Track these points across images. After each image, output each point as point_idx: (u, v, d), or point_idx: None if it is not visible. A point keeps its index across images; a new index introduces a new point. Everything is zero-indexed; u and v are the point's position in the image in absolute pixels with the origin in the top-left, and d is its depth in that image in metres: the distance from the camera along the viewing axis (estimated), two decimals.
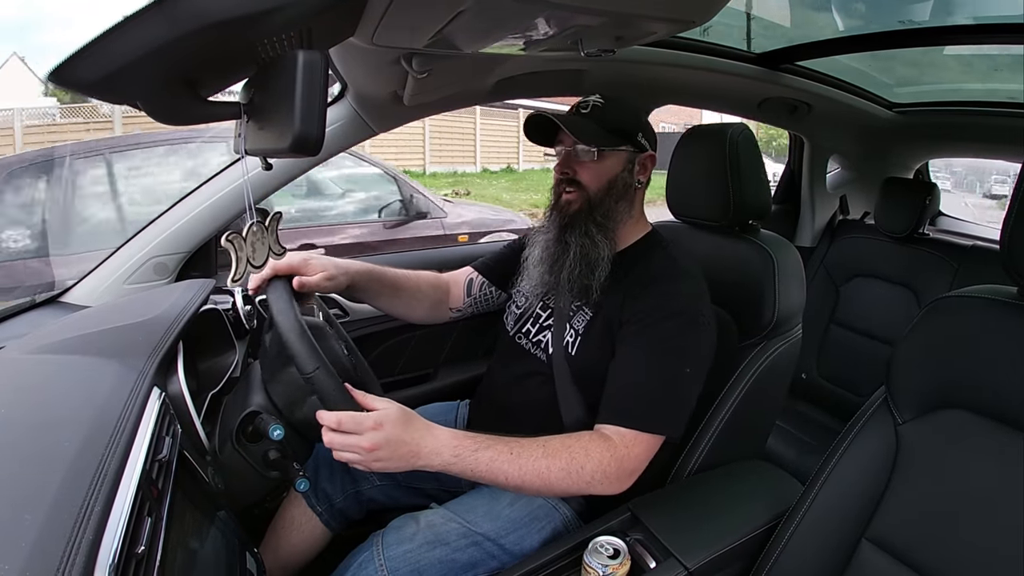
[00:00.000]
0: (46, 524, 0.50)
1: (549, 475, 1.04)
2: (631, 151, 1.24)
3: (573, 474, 1.04)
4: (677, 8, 0.86)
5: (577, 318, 1.25)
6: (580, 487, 1.05)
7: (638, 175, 1.27)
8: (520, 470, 1.03)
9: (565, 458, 1.05)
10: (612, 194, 1.24)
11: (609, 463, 1.06)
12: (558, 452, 1.05)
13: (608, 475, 1.06)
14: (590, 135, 1.21)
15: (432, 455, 1.00)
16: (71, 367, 0.82)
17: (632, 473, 1.09)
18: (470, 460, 1.02)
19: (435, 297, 1.48)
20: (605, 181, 1.24)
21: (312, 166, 1.65)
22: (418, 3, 0.78)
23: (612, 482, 1.07)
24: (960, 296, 0.95)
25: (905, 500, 0.94)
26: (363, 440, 0.95)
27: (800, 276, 1.34)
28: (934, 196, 2.32)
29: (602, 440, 1.08)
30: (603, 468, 1.05)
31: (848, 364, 2.42)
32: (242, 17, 0.60)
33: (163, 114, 0.73)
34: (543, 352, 1.29)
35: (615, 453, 1.07)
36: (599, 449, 1.07)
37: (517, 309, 1.40)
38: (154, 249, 1.44)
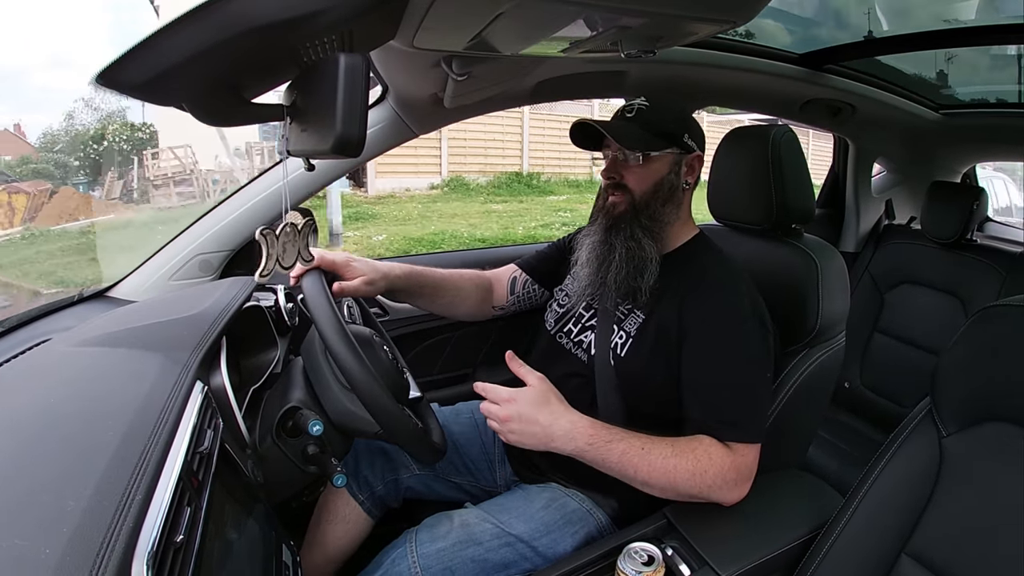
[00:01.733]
0: (88, 511, 0.51)
1: (676, 474, 1.06)
2: (677, 153, 1.24)
3: (698, 476, 1.06)
4: (718, 8, 0.85)
5: (629, 320, 1.23)
6: (701, 490, 1.07)
7: (685, 176, 1.26)
8: (650, 466, 1.06)
9: (692, 459, 1.07)
10: (658, 197, 1.24)
11: (730, 470, 1.08)
12: (685, 453, 1.07)
13: (728, 482, 1.08)
14: (634, 140, 1.21)
15: (566, 439, 1.06)
16: (117, 360, 0.85)
17: (748, 479, 1.11)
18: (603, 450, 1.06)
19: (478, 295, 1.50)
20: (651, 184, 1.23)
21: (354, 167, 1.68)
22: (457, 6, 0.79)
23: (731, 489, 1.09)
24: (1008, 305, 0.92)
25: (947, 515, 0.91)
26: (499, 410, 1.07)
27: (844, 282, 1.31)
28: (982, 201, 2.25)
29: (723, 447, 1.10)
30: (724, 474, 1.08)
31: (892, 374, 2.36)
32: (285, 21, 0.61)
33: (208, 115, 0.75)
34: (584, 352, 1.28)
35: (735, 461, 1.09)
36: (721, 455, 1.09)
37: (559, 308, 1.39)
38: (199, 246, 1.48)
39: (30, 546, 0.47)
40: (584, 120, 1.22)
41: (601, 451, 1.06)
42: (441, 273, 1.45)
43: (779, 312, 1.30)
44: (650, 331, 1.20)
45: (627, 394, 1.22)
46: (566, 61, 1.44)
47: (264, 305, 1.26)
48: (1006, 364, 0.89)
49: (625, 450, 1.06)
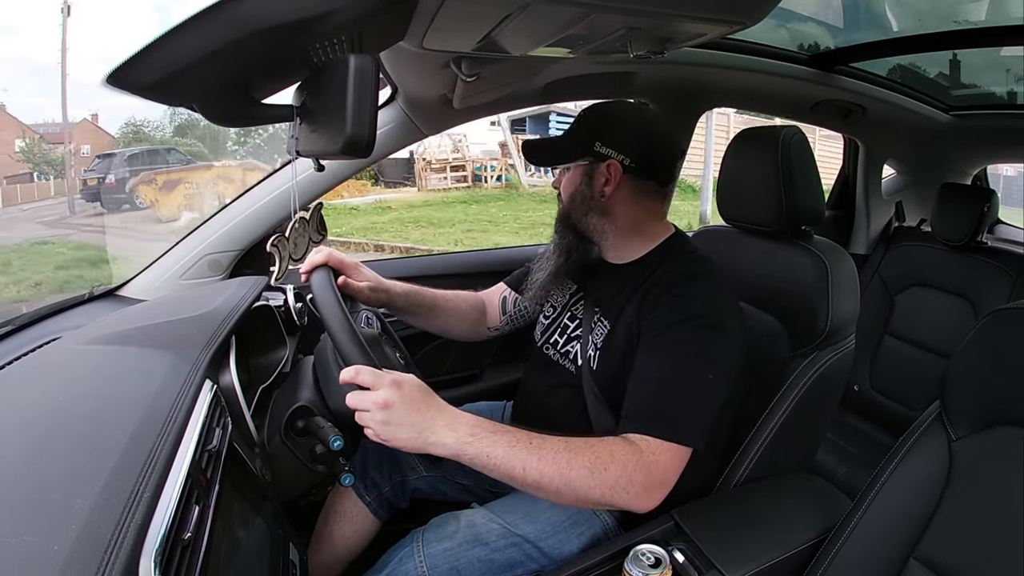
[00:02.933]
0: (96, 508, 0.51)
1: (570, 472, 0.95)
2: (588, 163, 1.21)
3: (596, 474, 0.96)
4: (727, 9, 0.85)
5: (596, 332, 1.23)
6: (602, 492, 0.97)
7: (602, 187, 1.21)
8: (539, 462, 0.95)
9: (589, 456, 0.97)
10: (577, 207, 1.25)
11: (635, 469, 0.98)
12: (581, 449, 0.98)
13: (633, 482, 0.98)
14: (542, 153, 1.33)
15: (446, 431, 0.94)
16: (126, 358, 0.85)
17: (661, 485, 1.01)
18: (488, 442, 0.95)
19: (473, 317, 1.51)
20: (568, 195, 1.27)
21: (363, 167, 1.69)
22: (467, 8, 0.79)
23: (638, 491, 0.98)
24: (1019, 308, 0.91)
25: (957, 519, 0.90)
26: (377, 395, 0.91)
27: (854, 284, 1.30)
28: (992, 203, 2.24)
29: (627, 444, 1.01)
30: (628, 473, 0.97)
31: (902, 377, 2.34)
32: (295, 22, 0.61)
33: (218, 115, 0.76)
34: (572, 363, 1.28)
35: (641, 459, 0.99)
36: (624, 452, 0.99)
37: (545, 319, 1.39)
38: (209, 246, 1.49)
39: (39, 542, 0.47)
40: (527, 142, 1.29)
41: (485, 444, 0.94)
42: (439, 294, 1.46)
43: (788, 314, 1.30)
44: (615, 341, 1.19)
45: (612, 402, 1.19)
46: (575, 62, 1.44)
47: (273, 304, 1.27)
48: (1017, 367, 0.89)
49: (512, 443, 0.95)
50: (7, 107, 22.71)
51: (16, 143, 21.35)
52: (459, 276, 1.91)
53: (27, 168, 19.78)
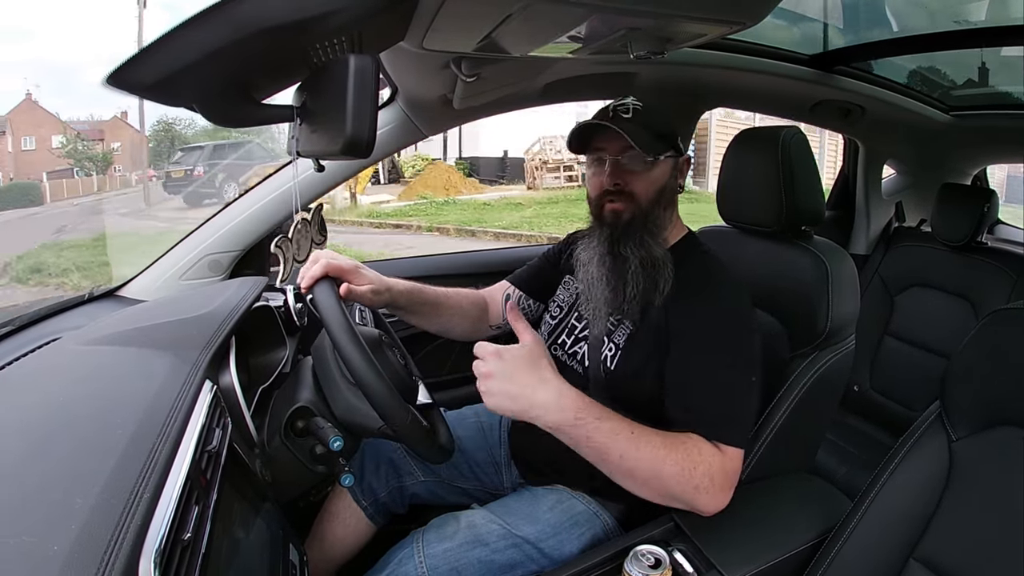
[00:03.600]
0: (96, 508, 0.51)
1: (664, 465, 0.98)
2: (674, 156, 1.23)
3: (687, 471, 0.99)
4: (727, 9, 0.85)
5: (618, 332, 1.21)
6: (686, 490, 1.00)
7: (680, 180, 1.26)
8: (638, 452, 0.98)
9: (682, 453, 1.00)
10: (661, 202, 1.21)
11: (719, 471, 1.02)
12: (676, 445, 1.00)
13: (715, 484, 1.01)
14: (646, 143, 1.15)
15: (550, 408, 0.97)
16: (126, 358, 0.85)
17: (731, 489, 1.04)
18: (591, 428, 0.97)
19: (474, 314, 1.48)
20: (655, 190, 1.20)
21: (364, 167, 1.69)
22: (467, 8, 0.79)
23: (717, 492, 1.02)
24: (1019, 308, 0.92)
25: (957, 519, 0.90)
26: (482, 364, 0.98)
27: (854, 285, 1.30)
28: (992, 203, 2.24)
29: (711, 447, 1.03)
30: (711, 474, 1.00)
31: (902, 377, 2.34)
32: (296, 22, 0.61)
33: (218, 116, 0.75)
34: (579, 364, 1.27)
35: (723, 463, 1.03)
36: (710, 454, 1.02)
37: (552, 320, 1.38)
38: (209, 247, 1.49)
39: (38, 543, 0.47)
40: (598, 121, 1.17)
41: (588, 428, 0.97)
42: (440, 292, 1.43)
43: (788, 314, 1.30)
44: (639, 340, 1.18)
45: (621, 405, 1.16)
46: (576, 62, 1.44)
47: (273, 305, 1.27)
48: (1017, 368, 0.89)
49: (615, 429, 0.98)
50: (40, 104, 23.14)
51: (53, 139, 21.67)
52: (461, 276, 1.91)
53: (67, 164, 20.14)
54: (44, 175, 19.93)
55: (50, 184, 18.66)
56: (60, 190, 18.44)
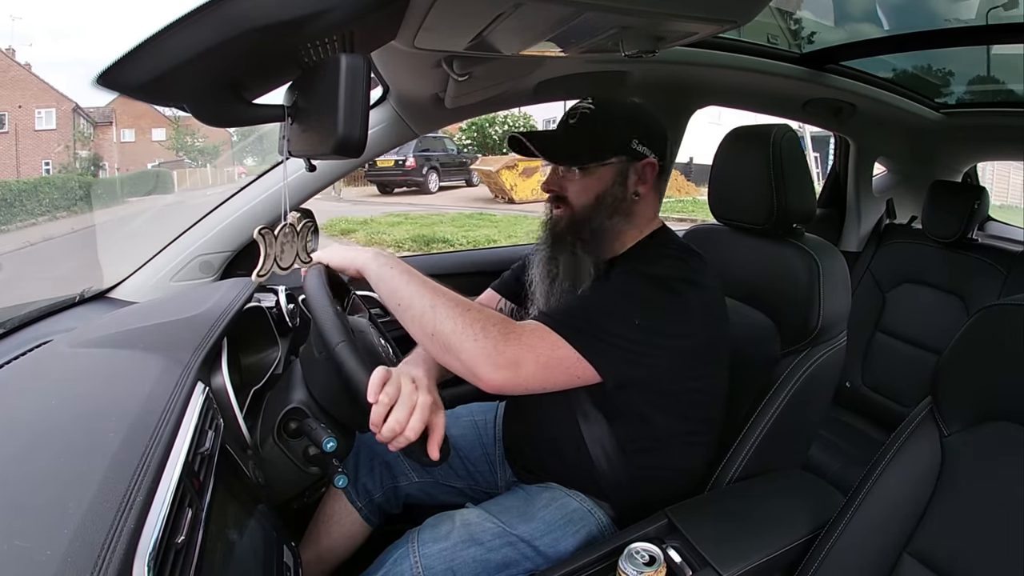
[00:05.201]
0: (89, 512, 0.51)
1: (441, 298, 1.01)
2: (623, 161, 1.17)
3: (459, 309, 0.99)
4: (718, 8, 0.85)
5: None
6: (455, 328, 0.97)
7: (636, 186, 1.18)
8: (422, 284, 1.04)
9: (467, 303, 1.03)
10: (601, 210, 1.17)
11: (496, 325, 0.99)
12: (466, 300, 1.04)
13: (488, 333, 0.97)
14: (567, 154, 1.16)
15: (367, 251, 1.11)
16: (118, 361, 0.85)
17: (514, 360, 0.98)
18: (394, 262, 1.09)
19: None
20: (592, 197, 1.17)
21: (355, 167, 1.68)
22: (458, 7, 0.79)
23: (487, 342, 0.96)
24: (1009, 304, 0.92)
25: (950, 514, 0.90)
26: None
27: (845, 282, 1.31)
28: (983, 200, 2.25)
29: (506, 318, 1.03)
30: (487, 324, 0.98)
31: (894, 373, 2.36)
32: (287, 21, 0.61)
33: (209, 116, 0.75)
34: None
35: (509, 326, 1.00)
36: (500, 316, 1.03)
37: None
38: (200, 248, 1.48)
39: (31, 547, 0.47)
40: (515, 134, 1.17)
41: (394, 262, 1.08)
42: None
43: (780, 312, 1.31)
44: None
45: (599, 402, 1.19)
46: (567, 61, 1.44)
47: (265, 306, 1.27)
48: (1008, 363, 0.89)
49: (414, 272, 1.06)
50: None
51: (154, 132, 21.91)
52: (452, 276, 1.90)
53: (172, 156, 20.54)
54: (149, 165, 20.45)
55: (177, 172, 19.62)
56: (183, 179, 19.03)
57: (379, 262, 1.07)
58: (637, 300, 1.05)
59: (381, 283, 1.06)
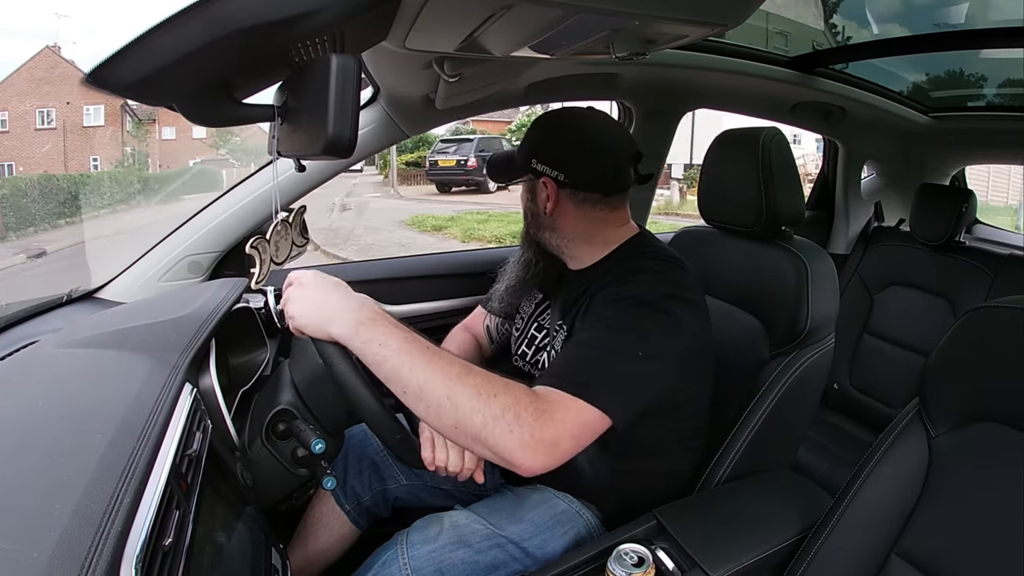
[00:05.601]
0: (76, 514, 0.50)
1: (456, 385, 0.88)
2: (529, 180, 1.24)
3: (483, 397, 0.88)
4: (709, 11, 0.85)
5: (557, 339, 1.24)
6: (484, 420, 0.87)
7: (544, 203, 1.22)
8: (428, 365, 0.89)
9: (482, 379, 0.90)
10: (530, 223, 1.29)
11: (528, 408, 0.89)
12: (477, 373, 0.91)
13: (521, 421, 0.88)
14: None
15: (347, 312, 0.91)
16: (105, 361, 0.84)
17: (553, 442, 0.90)
18: (383, 332, 0.90)
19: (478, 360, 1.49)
20: (523, 210, 1.30)
21: (345, 168, 1.68)
22: (449, 8, 0.79)
23: (524, 436, 0.88)
24: (996, 306, 0.93)
25: (937, 515, 0.91)
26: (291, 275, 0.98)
27: (833, 284, 1.32)
28: (970, 203, 2.27)
29: (529, 391, 0.94)
30: (518, 409, 0.89)
31: (881, 375, 2.38)
32: (277, 21, 0.61)
33: (198, 115, 0.75)
34: (540, 373, 1.27)
35: (539, 405, 0.91)
36: (523, 392, 0.92)
37: (516, 332, 1.40)
38: (189, 248, 1.47)
39: (17, 550, 0.46)
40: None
41: (381, 332, 0.90)
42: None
43: (768, 314, 1.31)
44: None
45: None
46: (558, 63, 1.44)
47: (254, 306, 1.26)
48: (994, 365, 0.90)
49: (408, 339, 0.90)
50: None
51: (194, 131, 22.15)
52: (440, 277, 1.90)
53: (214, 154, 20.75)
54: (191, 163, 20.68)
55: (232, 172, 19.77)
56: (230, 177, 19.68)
57: (362, 337, 0.90)
58: (635, 332, 1.03)
59: (373, 367, 0.90)
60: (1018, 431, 0.86)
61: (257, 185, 1.51)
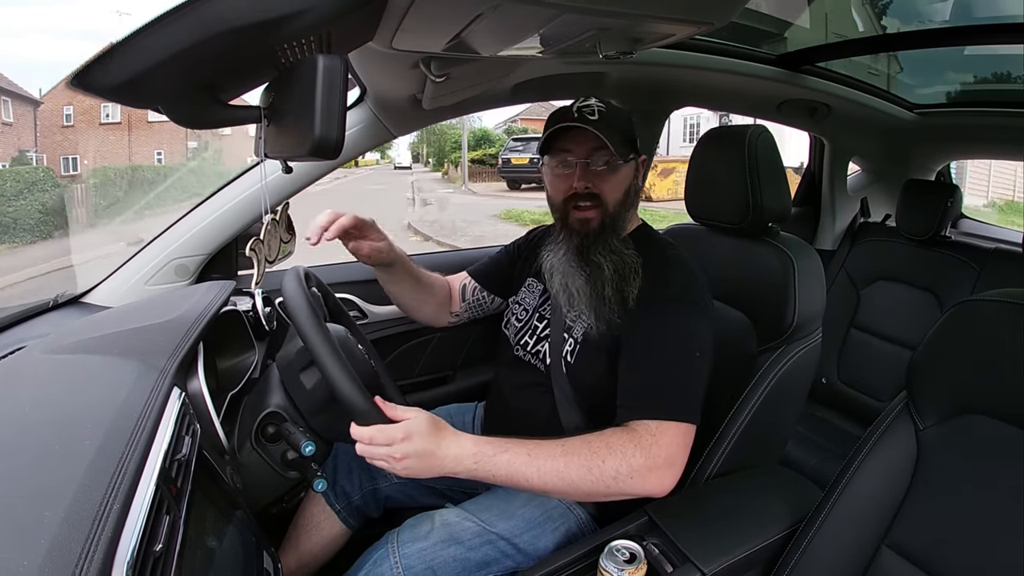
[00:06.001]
0: (65, 521, 0.50)
1: (569, 473, 0.99)
2: (635, 159, 1.25)
3: (594, 470, 0.99)
4: (695, 10, 0.86)
5: (577, 326, 1.24)
6: (607, 484, 1.00)
7: (639, 180, 1.29)
8: (539, 471, 0.99)
9: (584, 454, 1.01)
10: (627, 204, 1.24)
11: (634, 454, 1.00)
12: (577, 449, 1.01)
13: (635, 468, 1.00)
14: (616, 145, 1.16)
15: (455, 463, 0.99)
16: (92, 366, 0.83)
17: (669, 464, 1.03)
18: (490, 465, 1.00)
19: (441, 298, 1.49)
20: (622, 192, 1.22)
21: (332, 169, 1.67)
22: (436, 8, 0.79)
23: (643, 475, 1.01)
24: (981, 300, 0.94)
25: (926, 506, 0.92)
26: (394, 451, 0.96)
27: (820, 279, 1.33)
28: (956, 198, 2.29)
29: (625, 432, 1.04)
30: (630, 464, 1.00)
31: (869, 369, 2.39)
32: (264, 22, 0.60)
33: (184, 118, 0.74)
34: (541, 363, 1.29)
35: (640, 443, 1.02)
36: (621, 441, 1.02)
37: (517, 322, 1.39)
38: (175, 251, 1.46)
39: (7, 558, 0.46)
40: (573, 123, 1.16)
41: (488, 466, 1.00)
42: (423, 271, 1.44)
43: (756, 310, 1.32)
44: (595, 333, 1.20)
45: (583, 400, 1.22)
46: (545, 62, 1.44)
47: (241, 309, 1.25)
48: (980, 358, 0.91)
49: (511, 460, 1.00)
50: None
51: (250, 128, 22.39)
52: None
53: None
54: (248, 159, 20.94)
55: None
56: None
57: (469, 468, 1.00)
58: (690, 335, 1.12)
59: (491, 480, 1.02)
60: (1005, 423, 0.88)
61: (243, 187, 1.50)
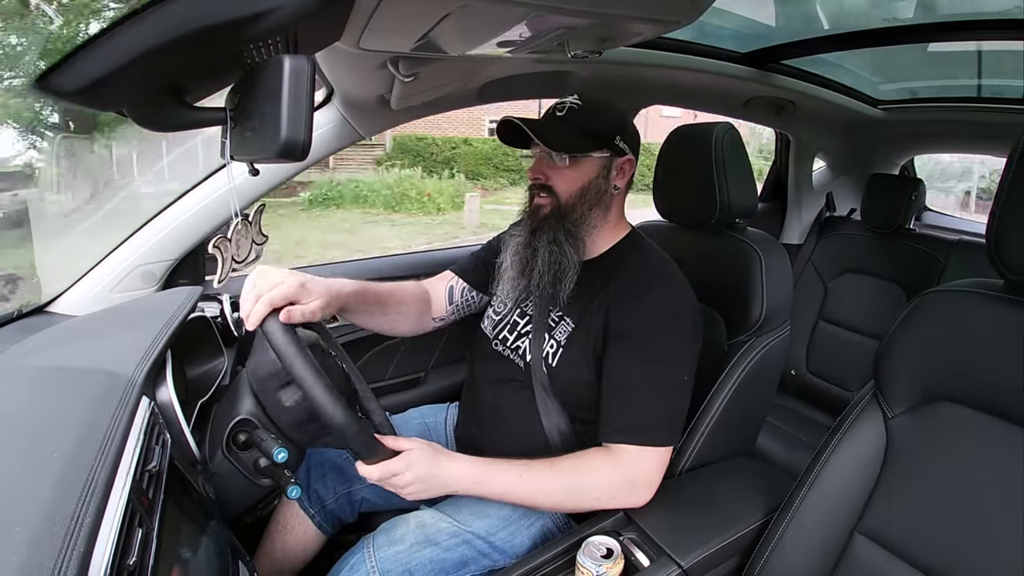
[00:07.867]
0: (36, 537, 0.49)
1: (557, 494, 1.10)
2: (607, 156, 1.22)
3: (579, 492, 1.10)
4: (662, 9, 0.86)
5: (559, 329, 1.24)
6: (591, 503, 1.12)
7: (615, 180, 1.25)
8: (530, 492, 1.10)
9: (570, 477, 1.10)
10: (585, 201, 1.23)
11: (615, 479, 1.10)
12: (564, 472, 1.10)
13: (616, 491, 1.11)
14: (560, 141, 1.19)
15: (457, 483, 1.08)
16: (58, 378, 0.81)
17: (647, 486, 1.12)
18: (487, 486, 1.10)
19: (418, 309, 1.44)
20: (578, 187, 1.22)
21: (299, 171, 1.65)
22: (404, 8, 0.78)
23: (624, 496, 1.12)
24: (946, 290, 0.96)
25: (896, 493, 0.94)
26: (399, 480, 1.04)
27: (787, 273, 1.35)
28: (919, 192, 2.34)
29: (608, 456, 1.11)
30: (610, 484, 1.10)
31: (837, 360, 2.44)
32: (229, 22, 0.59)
33: (149, 120, 0.73)
34: (520, 359, 1.29)
35: (621, 469, 1.11)
36: (605, 465, 1.11)
37: (495, 315, 1.39)
38: (141, 257, 1.43)
39: None
40: (510, 118, 1.18)
41: (486, 487, 1.10)
42: (384, 289, 1.36)
43: (725, 304, 1.34)
44: (579, 339, 1.21)
45: (563, 398, 1.23)
46: (513, 62, 1.44)
47: (210, 315, 1.23)
48: (945, 347, 0.93)
49: (504, 481, 1.09)
50: None
51: None
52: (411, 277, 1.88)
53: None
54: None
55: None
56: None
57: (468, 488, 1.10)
58: (680, 362, 1.15)
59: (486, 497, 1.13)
60: (970, 409, 0.90)
61: (209, 191, 1.46)
